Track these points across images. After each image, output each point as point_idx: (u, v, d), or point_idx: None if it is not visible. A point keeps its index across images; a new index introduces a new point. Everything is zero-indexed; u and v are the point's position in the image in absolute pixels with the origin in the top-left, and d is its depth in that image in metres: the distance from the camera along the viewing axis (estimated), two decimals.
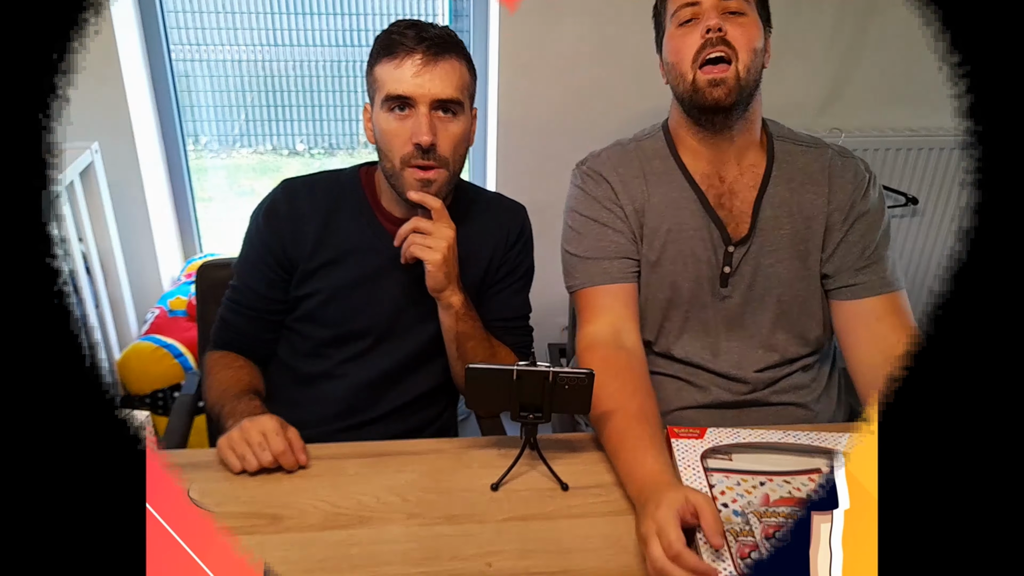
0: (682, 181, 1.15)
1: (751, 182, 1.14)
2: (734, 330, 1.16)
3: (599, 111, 2.15)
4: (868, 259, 1.12)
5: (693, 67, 1.07)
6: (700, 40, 1.05)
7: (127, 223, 2.08)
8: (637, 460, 0.90)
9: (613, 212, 1.15)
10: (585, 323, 1.12)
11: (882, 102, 2.27)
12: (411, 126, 1.05)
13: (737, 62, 1.05)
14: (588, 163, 1.20)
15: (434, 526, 0.88)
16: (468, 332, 1.13)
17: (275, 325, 1.21)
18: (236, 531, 0.86)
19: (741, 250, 1.14)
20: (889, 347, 1.06)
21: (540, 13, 2.02)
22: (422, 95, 1.04)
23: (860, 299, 1.11)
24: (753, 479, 0.93)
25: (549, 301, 1.82)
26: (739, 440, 0.97)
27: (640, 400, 0.99)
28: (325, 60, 2.45)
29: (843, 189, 1.13)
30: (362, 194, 1.19)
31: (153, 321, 2.04)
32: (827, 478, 0.93)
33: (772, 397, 1.15)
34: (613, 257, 1.14)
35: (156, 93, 2.17)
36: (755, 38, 1.07)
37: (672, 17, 1.10)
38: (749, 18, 1.07)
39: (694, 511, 0.78)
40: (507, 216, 1.25)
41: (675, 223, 1.14)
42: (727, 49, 1.05)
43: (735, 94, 1.06)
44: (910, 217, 2.37)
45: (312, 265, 1.16)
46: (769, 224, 1.13)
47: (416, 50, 1.04)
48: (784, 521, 0.85)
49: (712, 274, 1.14)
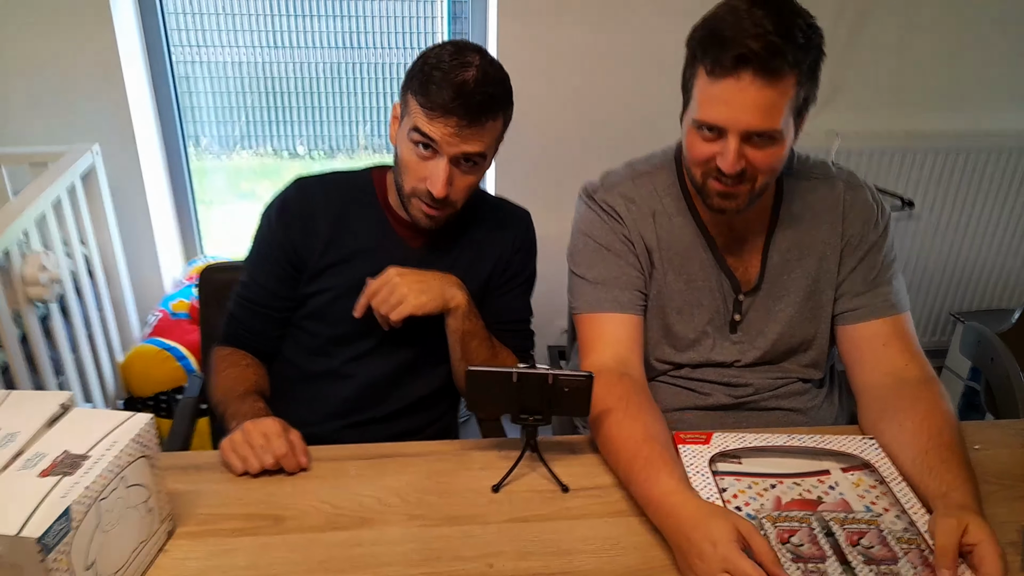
0: (692, 225, 1.12)
1: (760, 227, 1.12)
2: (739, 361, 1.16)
3: (599, 113, 2.15)
4: (872, 283, 1.11)
5: (704, 175, 1.02)
6: (716, 163, 0.98)
7: (128, 225, 2.09)
8: (650, 478, 0.87)
9: (626, 246, 1.12)
10: (590, 352, 1.09)
11: (878, 105, 2.28)
12: (430, 169, 1.05)
13: (754, 183, 1.00)
14: (600, 193, 1.14)
15: (435, 527, 0.88)
16: (472, 331, 1.14)
17: (283, 322, 1.21)
18: (238, 532, 0.86)
19: (751, 298, 1.13)
20: (896, 370, 1.05)
21: (539, 16, 2.03)
22: (448, 150, 1.04)
23: (865, 322, 1.09)
24: (764, 482, 0.93)
25: (549, 304, 1.83)
26: (745, 444, 0.97)
27: (644, 420, 0.96)
28: (326, 62, 2.46)
29: (854, 224, 1.11)
30: (374, 195, 1.20)
31: (156, 324, 2.04)
32: (836, 480, 0.94)
33: (772, 402, 1.16)
34: (624, 287, 1.11)
35: (157, 95, 2.17)
36: (779, 160, 0.98)
37: (693, 117, 0.99)
38: (776, 142, 0.96)
39: (742, 539, 0.76)
40: (512, 222, 1.26)
41: (684, 272, 1.12)
42: (743, 182, 0.99)
43: (746, 205, 1.02)
44: (906, 220, 2.38)
45: (322, 263, 1.16)
46: (778, 270, 1.12)
47: (454, 114, 1.01)
48: (798, 525, 0.84)
49: (722, 322, 1.14)
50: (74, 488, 0.68)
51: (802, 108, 0.99)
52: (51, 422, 0.78)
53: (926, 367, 1.05)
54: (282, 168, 2.75)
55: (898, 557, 0.80)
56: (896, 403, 1.00)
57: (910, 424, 0.95)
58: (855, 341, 1.11)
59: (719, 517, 0.78)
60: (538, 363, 0.93)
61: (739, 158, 0.96)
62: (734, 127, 0.95)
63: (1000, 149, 2.30)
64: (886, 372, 1.05)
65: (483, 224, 1.23)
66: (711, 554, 0.75)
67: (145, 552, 0.80)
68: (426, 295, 1.08)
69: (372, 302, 1.10)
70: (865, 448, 0.97)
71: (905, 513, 0.87)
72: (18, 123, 1.98)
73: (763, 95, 0.92)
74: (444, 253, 1.19)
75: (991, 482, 0.96)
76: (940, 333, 2.58)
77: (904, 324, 1.09)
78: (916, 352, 1.07)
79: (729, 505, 0.88)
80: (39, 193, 1.64)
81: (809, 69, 0.95)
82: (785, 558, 0.80)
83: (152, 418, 0.80)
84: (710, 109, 0.96)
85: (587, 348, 1.10)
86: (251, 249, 1.21)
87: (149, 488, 0.80)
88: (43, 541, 0.64)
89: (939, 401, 0.99)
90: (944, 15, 2.18)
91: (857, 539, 0.82)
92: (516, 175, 2.20)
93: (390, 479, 0.96)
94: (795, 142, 1.02)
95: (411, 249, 1.18)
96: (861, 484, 0.93)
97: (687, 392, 1.17)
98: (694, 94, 0.99)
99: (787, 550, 0.81)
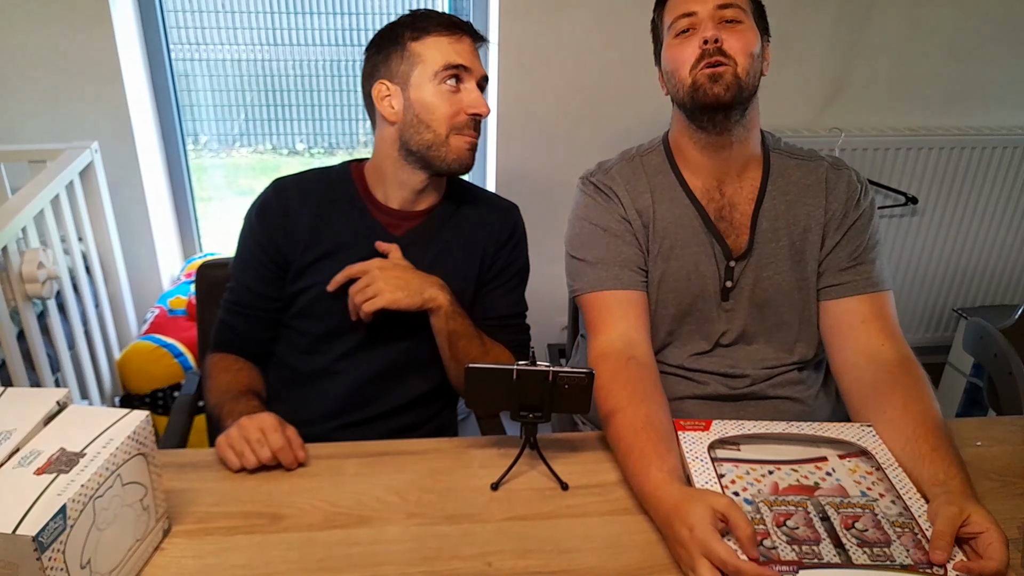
0: (683, 198, 1.15)
1: (749, 195, 1.15)
2: (734, 339, 1.17)
3: (600, 108, 2.15)
4: (855, 260, 1.13)
5: (692, 72, 1.08)
6: (698, 50, 1.07)
7: (127, 223, 2.08)
8: (642, 471, 0.89)
9: (623, 226, 1.15)
10: (597, 333, 1.11)
11: (882, 102, 2.28)
12: (464, 97, 1.12)
13: (736, 66, 1.06)
14: (597, 176, 1.19)
15: (434, 526, 0.88)
16: (458, 331, 1.14)
17: (273, 323, 1.21)
18: (235, 531, 0.86)
19: (741, 264, 1.15)
20: (871, 349, 1.07)
21: (540, 10, 2.02)
22: (476, 70, 1.14)
23: (844, 298, 1.12)
24: (762, 468, 0.94)
25: (549, 301, 1.82)
26: (744, 431, 0.98)
27: (647, 408, 0.97)
28: (325, 59, 2.45)
29: (837, 200, 1.14)
30: (354, 188, 1.20)
31: (153, 320, 2.04)
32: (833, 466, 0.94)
33: (769, 391, 1.16)
34: (624, 265, 1.13)
35: (156, 93, 2.17)
36: (752, 44, 1.08)
37: (669, 28, 1.11)
38: (745, 25, 1.08)
39: (722, 516, 0.78)
40: (499, 215, 1.25)
41: (678, 240, 1.14)
42: (724, 58, 1.06)
43: (734, 90, 1.06)
44: (910, 216, 2.37)
45: (306, 260, 1.16)
46: (767, 237, 1.14)
47: (467, 33, 1.13)
48: (794, 509, 0.85)
49: (714, 288, 1.15)
50: (70, 486, 0.68)
51: (759, 19, 1.11)
52: (47, 419, 0.77)
53: (903, 347, 1.06)
54: (281, 165, 2.75)
55: (891, 540, 0.81)
56: (875, 390, 1.02)
57: (892, 412, 0.97)
58: (835, 317, 1.13)
59: (695, 501, 0.79)
60: (538, 360, 0.93)
61: (716, 27, 1.06)
62: (703, 5, 1.07)
63: (1004, 145, 2.29)
64: (862, 351, 1.07)
65: (470, 216, 1.23)
66: (688, 539, 0.77)
67: (141, 550, 0.80)
68: (402, 291, 1.08)
69: (349, 290, 1.11)
70: (863, 435, 0.97)
71: (900, 499, 0.87)
72: (17, 120, 1.98)
73: None
74: (428, 242, 1.19)
75: (992, 478, 0.96)
76: (943, 329, 2.58)
77: (883, 303, 1.11)
78: (894, 332, 1.08)
79: (727, 491, 0.89)
80: (38, 190, 1.64)
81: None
82: (780, 540, 0.80)
83: (148, 415, 0.80)
84: (682, 4, 1.09)
85: (594, 329, 1.12)
86: (236, 255, 1.21)
87: (145, 486, 0.79)
88: (39, 539, 0.63)
89: (917, 385, 1.00)
90: (949, 10, 2.18)
91: (852, 523, 0.83)
92: (516, 170, 2.19)
93: (388, 477, 0.95)
94: (764, 62, 1.12)
95: (394, 238, 1.18)
96: (858, 470, 0.94)
97: (686, 382, 1.17)
98: (665, 11, 1.13)
99: (783, 533, 0.82)
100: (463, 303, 1.17)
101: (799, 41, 2.15)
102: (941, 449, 0.89)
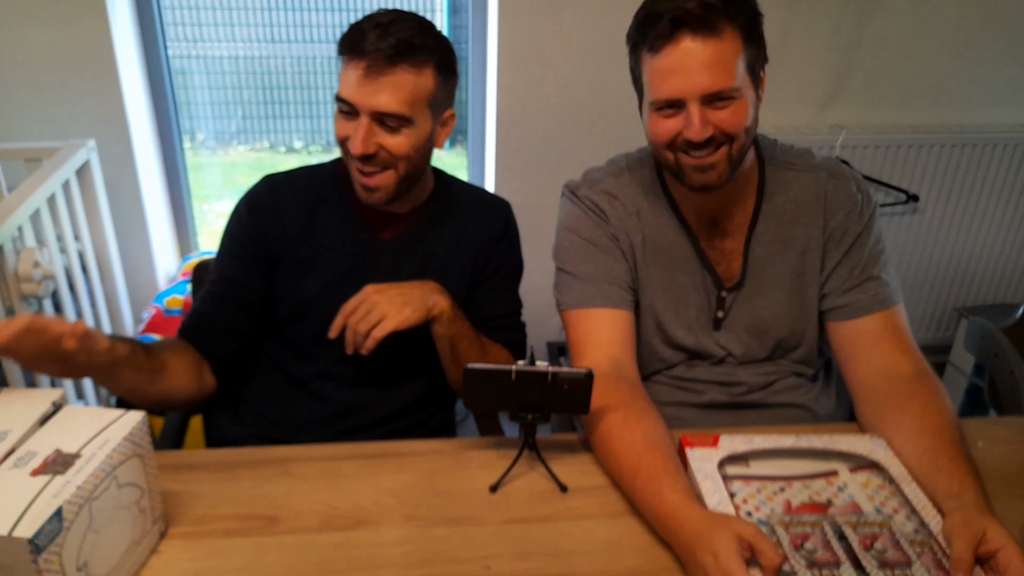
0: (674, 223, 1.11)
1: (742, 220, 1.11)
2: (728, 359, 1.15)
3: (599, 107, 2.14)
4: (859, 277, 1.09)
5: (675, 154, 1.00)
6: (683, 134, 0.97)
7: (123, 221, 2.07)
8: (654, 493, 0.85)
9: (612, 243, 1.11)
10: (584, 354, 1.06)
11: (883, 99, 2.27)
12: (353, 129, 1.03)
13: (729, 146, 0.98)
14: (583, 190, 1.14)
15: (432, 528, 0.87)
16: (460, 334, 1.12)
17: (252, 317, 1.16)
18: (232, 533, 0.85)
19: (734, 294, 1.11)
20: (887, 368, 1.03)
21: (539, 9, 2.01)
22: (363, 105, 1.01)
23: (855, 319, 1.08)
24: (773, 485, 0.92)
25: (548, 300, 1.81)
26: (753, 447, 0.95)
27: (644, 428, 0.93)
28: (322, 57, 2.44)
29: (837, 215, 1.09)
30: (342, 187, 1.17)
31: (149, 320, 2.03)
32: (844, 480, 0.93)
33: (769, 399, 1.15)
34: (612, 283, 1.09)
35: (152, 90, 2.16)
36: (747, 116, 0.97)
37: (650, 102, 1.00)
38: (737, 100, 0.96)
39: (748, 545, 0.74)
40: (490, 213, 1.23)
41: (667, 270, 1.11)
42: (715, 145, 0.97)
43: (726, 176, 1.00)
44: (911, 214, 2.37)
45: (295, 259, 1.14)
46: (760, 264, 1.10)
47: (365, 57, 1.00)
48: (810, 530, 0.83)
49: (706, 319, 1.13)
50: (66, 487, 0.67)
51: (755, 65, 0.98)
52: (43, 420, 0.77)
53: (919, 361, 1.03)
54: (278, 163, 2.74)
55: (912, 560, 0.79)
56: (891, 402, 0.99)
57: (909, 423, 0.94)
58: (845, 338, 1.09)
59: (720, 527, 0.76)
60: (537, 360, 0.92)
61: (705, 124, 0.95)
62: (690, 93, 0.94)
63: (1005, 143, 2.28)
64: (878, 371, 1.03)
65: (459, 215, 1.20)
66: (713, 568, 0.73)
67: (137, 553, 0.79)
68: (409, 307, 1.04)
69: (349, 321, 1.04)
70: (874, 448, 0.95)
71: (915, 514, 0.86)
72: (13, 118, 1.97)
73: (708, 52, 0.93)
74: (417, 244, 1.17)
75: (994, 479, 0.95)
76: (944, 328, 2.57)
77: (895, 319, 1.07)
78: (908, 347, 1.05)
79: (740, 511, 0.87)
80: (34, 189, 1.63)
81: (749, 24, 0.96)
82: (799, 564, 0.78)
83: (145, 416, 0.79)
84: (663, 84, 0.96)
85: (579, 350, 1.08)
86: (220, 250, 1.18)
87: (142, 488, 0.79)
88: (35, 541, 0.63)
89: (936, 397, 0.97)
90: (951, 8, 2.17)
91: (870, 543, 0.81)
92: (515, 170, 2.19)
93: (386, 479, 0.95)
94: (760, 103, 1.02)
95: (383, 240, 1.16)
96: (870, 485, 0.92)
97: (681, 391, 1.16)
98: (644, 80, 1.00)
99: (801, 556, 0.79)
100: (457, 304, 1.15)
101: (800, 39, 2.14)
102: (958, 460, 0.87)
